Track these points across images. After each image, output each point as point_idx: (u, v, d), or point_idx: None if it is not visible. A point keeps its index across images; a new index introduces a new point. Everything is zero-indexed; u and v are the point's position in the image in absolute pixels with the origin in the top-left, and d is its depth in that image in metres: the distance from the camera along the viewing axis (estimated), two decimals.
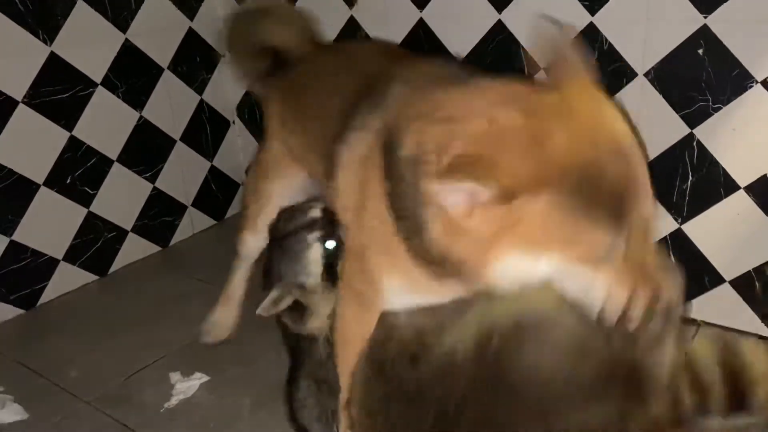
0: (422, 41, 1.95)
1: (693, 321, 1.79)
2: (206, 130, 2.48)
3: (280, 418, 1.51)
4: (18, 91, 1.89)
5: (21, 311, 2.01)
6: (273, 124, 1.62)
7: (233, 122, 2.58)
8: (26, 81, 1.91)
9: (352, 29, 2.10)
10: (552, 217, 0.87)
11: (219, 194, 2.58)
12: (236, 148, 2.60)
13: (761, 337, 1.68)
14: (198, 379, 1.67)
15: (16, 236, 1.96)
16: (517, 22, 1.78)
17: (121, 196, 2.22)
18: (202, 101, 2.43)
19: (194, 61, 2.38)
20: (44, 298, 2.06)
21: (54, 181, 2.02)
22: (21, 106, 1.90)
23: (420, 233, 0.97)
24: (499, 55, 1.83)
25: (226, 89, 2.51)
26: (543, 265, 0.92)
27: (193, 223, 2.50)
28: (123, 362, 1.75)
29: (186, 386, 1.64)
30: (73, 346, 1.83)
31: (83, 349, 1.82)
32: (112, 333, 1.89)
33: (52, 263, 2.07)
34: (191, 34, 2.34)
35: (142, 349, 1.80)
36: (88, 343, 1.85)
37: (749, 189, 1.60)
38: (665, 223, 1.74)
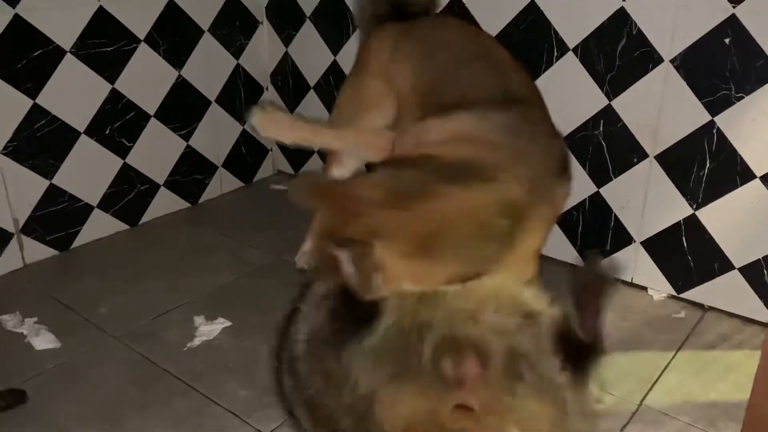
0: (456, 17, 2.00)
1: (700, 306, 1.84)
2: (240, 94, 2.55)
3: None
4: (67, 41, 1.98)
5: (56, 252, 2.11)
6: (379, 58, 1.71)
7: (266, 89, 2.65)
8: (75, 32, 1.99)
9: None
10: None
11: (249, 158, 2.66)
12: None
13: (766, 325, 1.73)
14: (221, 324, 1.75)
15: (56, 180, 2.05)
16: (550, 3, 1.83)
17: (155, 151, 2.31)
18: (238, 65, 2.51)
19: (233, 25, 2.45)
20: (78, 242, 2.16)
21: (94, 130, 2.11)
22: (68, 55, 1.99)
23: None
24: (530, 35, 1.88)
25: (262, 56, 2.58)
26: None
27: (222, 183, 2.58)
28: (150, 304, 1.84)
29: (209, 329, 1.73)
30: (104, 287, 1.93)
31: (113, 290, 1.91)
32: (141, 278, 1.99)
33: (87, 209, 2.16)
34: None
35: (168, 293, 1.89)
36: (118, 285, 1.94)
37: (765, 179, 1.63)
38: (680, 208, 1.78)
